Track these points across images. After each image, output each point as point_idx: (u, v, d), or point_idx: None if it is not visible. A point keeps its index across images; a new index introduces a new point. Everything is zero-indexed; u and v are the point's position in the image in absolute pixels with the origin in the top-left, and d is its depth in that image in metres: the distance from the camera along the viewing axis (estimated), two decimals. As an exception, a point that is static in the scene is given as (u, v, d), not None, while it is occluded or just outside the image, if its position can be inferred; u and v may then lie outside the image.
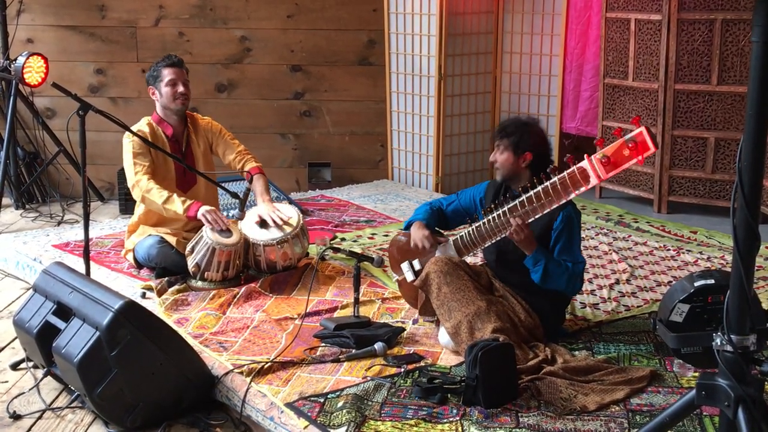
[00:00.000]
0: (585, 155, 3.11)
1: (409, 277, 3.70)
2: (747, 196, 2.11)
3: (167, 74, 4.26)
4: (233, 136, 4.55)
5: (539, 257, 3.31)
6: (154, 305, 3.89)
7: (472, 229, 3.47)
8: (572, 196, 3.17)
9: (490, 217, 3.38)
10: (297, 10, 6.54)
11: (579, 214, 3.44)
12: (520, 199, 3.27)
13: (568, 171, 3.15)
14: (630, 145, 3.00)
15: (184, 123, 4.39)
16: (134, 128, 4.20)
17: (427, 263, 3.49)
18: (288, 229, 4.20)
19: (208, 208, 4.09)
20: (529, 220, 3.27)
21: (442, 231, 3.75)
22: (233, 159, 4.46)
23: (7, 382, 3.41)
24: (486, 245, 3.47)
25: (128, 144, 4.22)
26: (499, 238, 3.39)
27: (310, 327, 3.64)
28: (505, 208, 3.32)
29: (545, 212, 3.24)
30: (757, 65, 2.06)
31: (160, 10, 6.49)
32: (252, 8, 6.53)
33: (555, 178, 3.18)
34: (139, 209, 4.36)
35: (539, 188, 3.22)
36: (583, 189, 3.13)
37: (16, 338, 3.68)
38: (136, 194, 4.22)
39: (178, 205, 4.09)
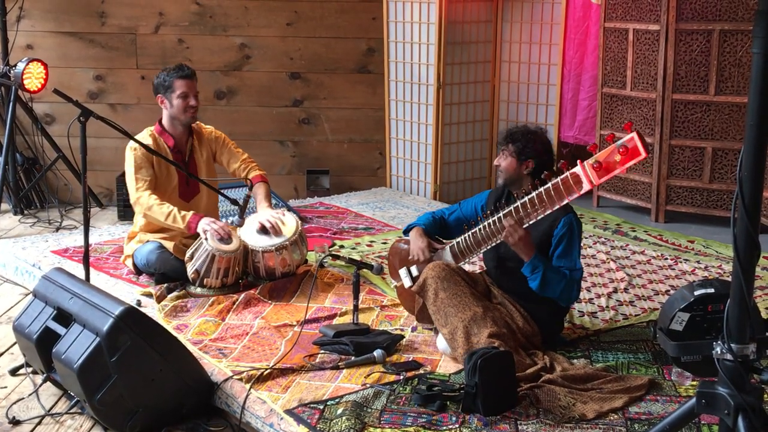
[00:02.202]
0: (578, 161, 3.13)
1: (407, 283, 3.71)
2: (747, 206, 2.12)
3: (179, 86, 4.24)
4: (236, 145, 4.56)
5: (537, 263, 3.31)
6: (153, 312, 3.89)
7: (468, 235, 3.48)
8: (566, 201, 3.19)
9: (485, 223, 3.40)
10: (296, 18, 6.56)
11: (580, 223, 3.45)
12: (515, 204, 3.29)
13: (561, 177, 3.17)
14: (621, 150, 3.01)
15: (189, 133, 4.39)
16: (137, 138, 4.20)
17: (424, 269, 3.50)
18: (286, 236, 4.21)
19: (206, 222, 4.07)
20: (524, 225, 3.28)
21: (442, 239, 3.77)
22: (237, 167, 4.48)
23: (6, 387, 3.41)
24: (482, 251, 3.48)
25: (130, 157, 4.22)
26: (494, 244, 3.41)
27: (309, 334, 3.65)
28: (501, 214, 3.34)
29: (540, 217, 3.25)
30: (758, 76, 2.08)
31: (159, 17, 6.51)
32: (251, 16, 6.55)
33: (549, 184, 3.20)
34: (140, 218, 4.35)
35: (533, 194, 3.24)
36: (576, 195, 3.15)
37: (15, 343, 3.68)
38: (137, 210, 4.23)
39: (179, 221, 4.10)
